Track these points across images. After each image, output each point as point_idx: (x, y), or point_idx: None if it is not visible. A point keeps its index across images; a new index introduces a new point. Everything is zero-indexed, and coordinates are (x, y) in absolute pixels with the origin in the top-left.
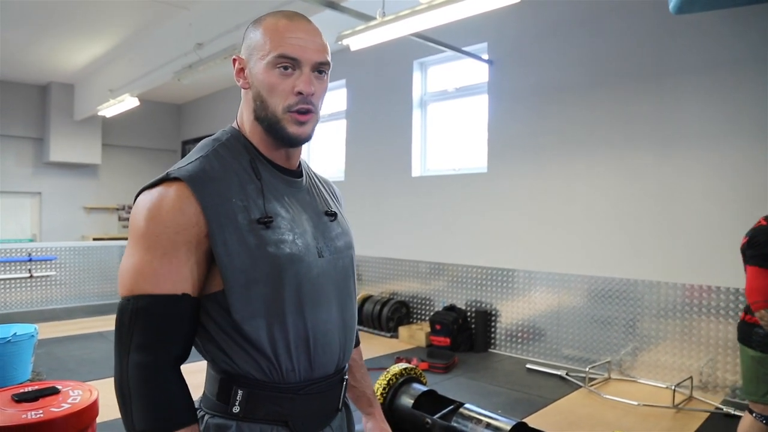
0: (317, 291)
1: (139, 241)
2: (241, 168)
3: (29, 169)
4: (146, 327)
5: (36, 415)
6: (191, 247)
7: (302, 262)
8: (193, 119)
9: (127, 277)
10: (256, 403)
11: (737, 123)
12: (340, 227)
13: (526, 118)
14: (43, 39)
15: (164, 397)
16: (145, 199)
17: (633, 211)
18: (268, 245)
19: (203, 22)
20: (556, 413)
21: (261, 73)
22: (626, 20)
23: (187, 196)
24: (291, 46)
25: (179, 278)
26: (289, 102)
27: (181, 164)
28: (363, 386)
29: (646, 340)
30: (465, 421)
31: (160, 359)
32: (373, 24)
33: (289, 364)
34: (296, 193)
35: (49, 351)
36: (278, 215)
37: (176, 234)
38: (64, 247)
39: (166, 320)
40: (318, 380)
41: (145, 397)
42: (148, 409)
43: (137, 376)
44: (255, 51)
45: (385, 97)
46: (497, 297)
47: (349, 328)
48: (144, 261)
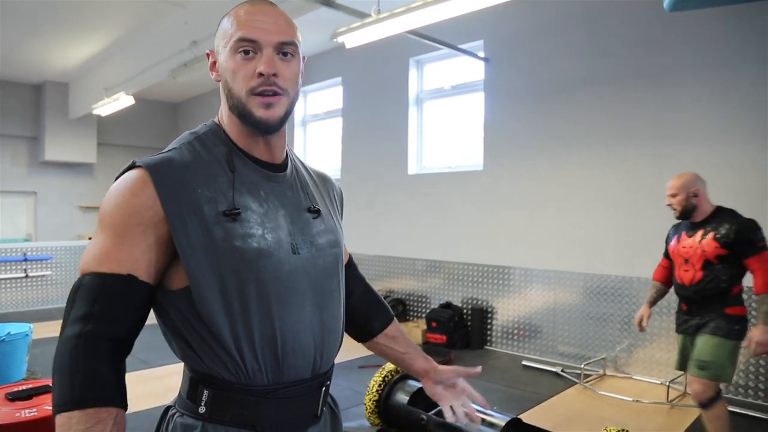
0: (288, 289)
1: (99, 223)
2: (214, 160)
3: (24, 168)
4: (84, 302)
5: (30, 414)
6: (144, 229)
7: (271, 257)
8: (188, 118)
9: (83, 258)
10: (222, 405)
11: (733, 121)
12: (324, 225)
13: (522, 116)
14: (38, 37)
15: (84, 372)
16: (114, 185)
17: (628, 208)
18: (234, 239)
19: (199, 20)
20: (552, 410)
21: (225, 60)
22: (622, 18)
23: (144, 181)
24: (250, 29)
25: (127, 259)
26: (252, 84)
27: (154, 155)
28: (414, 350)
29: (640, 336)
30: None
31: (92, 333)
32: (369, 21)
33: (255, 364)
34: (276, 187)
35: (45, 351)
36: (248, 208)
37: (128, 216)
38: (60, 247)
39: (105, 297)
40: (289, 384)
41: (66, 370)
42: (65, 383)
43: (65, 349)
44: (220, 40)
45: (381, 94)
46: (493, 294)
47: (329, 329)
48: (97, 242)
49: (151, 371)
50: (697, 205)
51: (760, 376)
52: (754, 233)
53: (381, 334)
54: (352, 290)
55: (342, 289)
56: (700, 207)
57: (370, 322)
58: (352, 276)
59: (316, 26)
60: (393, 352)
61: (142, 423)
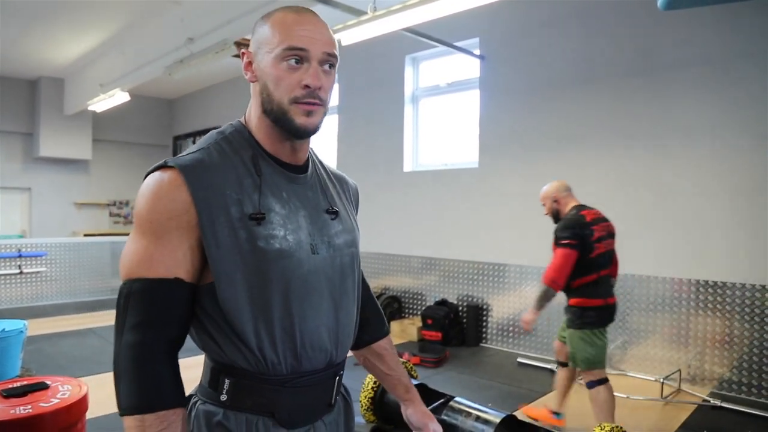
0: (307, 287)
1: (137, 226)
2: (240, 162)
3: (19, 164)
4: (139, 309)
5: (25, 410)
6: (183, 232)
7: (292, 257)
8: (184, 114)
9: (126, 262)
10: (242, 393)
11: (728, 119)
12: (341, 225)
13: (518, 114)
14: (33, 33)
15: (151, 377)
16: (145, 185)
17: (623, 205)
18: (258, 239)
19: (195, 16)
20: (546, 406)
21: (269, 66)
22: (618, 16)
23: (180, 184)
24: (299, 38)
25: (172, 263)
26: (296, 94)
27: (182, 154)
28: (397, 374)
29: (635, 333)
30: (455, 415)
31: (151, 340)
32: (365, 19)
33: (275, 357)
34: (297, 188)
35: (40, 348)
36: (272, 210)
37: (169, 220)
38: (55, 243)
39: (158, 303)
40: (305, 374)
41: (132, 375)
42: (133, 388)
43: (127, 355)
44: (263, 45)
45: (377, 92)
46: (489, 291)
47: (343, 325)
48: (140, 246)
49: None
50: (559, 209)
51: (763, 374)
52: (560, 231)
53: (367, 347)
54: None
55: (356, 288)
56: (562, 211)
57: (360, 333)
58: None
59: None
60: (376, 369)
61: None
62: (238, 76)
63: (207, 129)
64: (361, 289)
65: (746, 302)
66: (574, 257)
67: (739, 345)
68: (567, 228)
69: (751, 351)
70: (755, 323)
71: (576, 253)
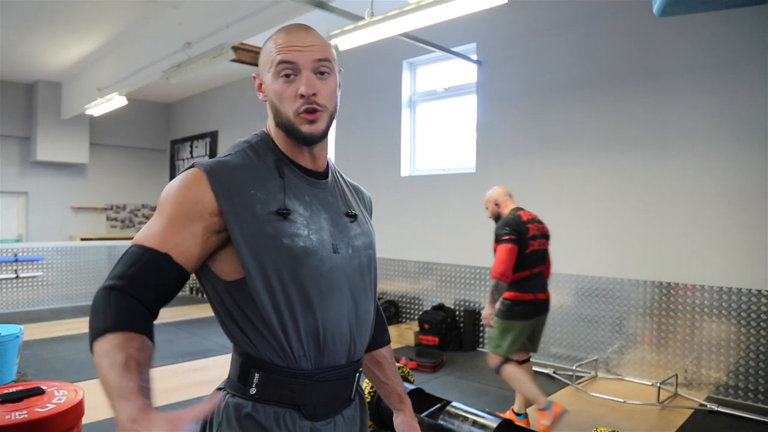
0: (329, 285)
1: (159, 209)
2: (265, 166)
3: (16, 168)
4: (125, 265)
5: (20, 416)
6: (190, 219)
7: (315, 255)
8: (182, 119)
9: (138, 233)
10: (271, 387)
11: (723, 124)
12: (360, 228)
13: (515, 119)
14: (30, 36)
15: (125, 309)
16: (174, 180)
17: (620, 211)
18: (283, 237)
19: (192, 21)
20: None
21: (270, 84)
22: (614, 22)
23: (199, 178)
24: (287, 53)
25: (169, 241)
26: (296, 105)
27: (209, 158)
28: (393, 383)
29: (632, 338)
30: (452, 419)
31: (127, 289)
32: (362, 24)
33: (300, 350)
34: (318, 193)
35: (36, 352)
36: (295, 211)
37: (179, 206)
38: (51, 248)
39: (142, 265)
40: (329, 369)
41: (106, 307)
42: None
43: (104, 295)
44: (264, 66)
45: (374, 97)
46: (486, 296)
47: (362, 322)
48: (150, 224)
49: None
50: (500, 212)
51: (760, 379)
52: (500, 229)
53: (368, 353)
54: None
55: (373, 287)
56: (502, 213)
57: None
58: None
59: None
60: (373, 376)
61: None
62: (235, 81)
63: (205, 133)
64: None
65: (743, 307)
66: (515, 250)
67: (736, 350)
68: (506, 225)
69: (748, 356)
70: (752, 328)
71: (517, 247)
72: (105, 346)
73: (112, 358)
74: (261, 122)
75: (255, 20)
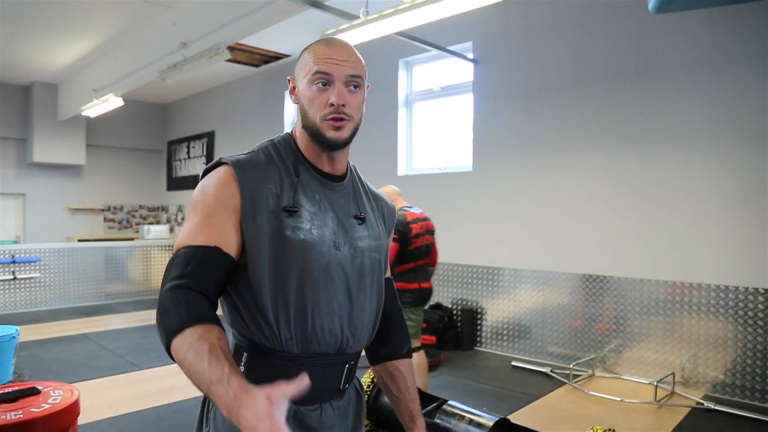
0: (325, 277)
1: (192, 210)
2: (283, 165)
3: (12, 170)
4: (180, 265)
5: (16, 416)
6: (229, 213)
7: (313, 248)
8: (178, 119)
9: (179, 238)
10: (258, 366)
11: (720, 122)
12: (367, 232)
13: (511, 117)
14: (26, 38)
15: (193, 305)
16: (206, 177)
17: (617, 209)
18: (286, 229)
19: (188, 21)
20: (541, 410)
21: (303, 89)
22: (611, 20)
23: (230, 175)
24: (325, 65)
25: (214, 234)
26: (324, 112)
27: (236, 154)
28: (406, 399)
29: (629, 337)
30: (448, 418)
31: (190, 285)
32: (357, 23)
33: (288, 334)
34: (330, 194)
35: (33, 353)
36: (302, 206)
37: (217, 202)
38: (48, 249)
39: (196, 261)
40: (316, 355)
41: (175, 305)
42: (179, 313)
43: (169, 295)
44: (300, 71)
45: (370, 96)
46: (483, 295)
47: (356, 318)
48: (191, 224)
49: (141, 373)
50: None
51: (757, 377)
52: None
53: (382, 364)
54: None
55: (376, 290)
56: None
57: (377, 347)
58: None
59: (305, 28)
60: (387, 389)
61: (128, 425)
62: (231, 81)
63: (202, 134)
64: (383, 296)
65: (740, 305)
66: (397, 248)
67: (733, 348)
68: (399, 224)
69: (745, 354)
70: (749, 326)
71: (398, 246)
72: (187, 340)
73: (197, 349)
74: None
75: (250, 20)
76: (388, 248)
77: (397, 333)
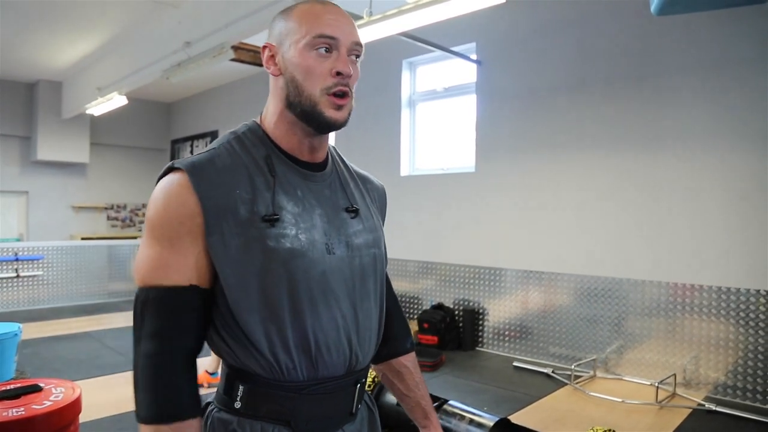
0: (322, 289)
1: (150, 231)
2: (252, 160)
3: (16, 167)
4: (155, 317)
5: (17, 413)
6: (194, 237)
7: (304, 257)
8: (182, 118)
9: (141, 268)
10: (257, 400)
11: (722, 124)
12: (362, 225)
13: (514, 118)
14: (32, 36)
15: (168, 387)
16: (157, 190)
17: (619, 210)
18: (267, 239)
19: (192, 20)
20: (542, 410)
21: (296, 57)
22: (614, 21)
23: (187, 186)
24: (329, 26)
25: (186, 269)
26: (327, 83)
27: (192, 156)
28: (417, 396)
29: (631, 338)
30: (449, 418)
31: (168, 349)
32: (360, 23)
33: (290, 363)
34: (313, 186)
35: (36, 351)
36: (284, 209)
37: (180, 225)
38: (52, 247)
39: (174, 311)
40: (323, 381)
41: (150, 385)
42: (150, 398)
43: (145, 364)
44: (288, 36)
45: (373, 96)
46: (485, 296)
47: (364, 328)
48: (154, 252)
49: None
50: None
51: (758, 379)
52: None
53: (386, 362)
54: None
55: (380, 290)
56: None
57: (380, 345)
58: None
59: None
60: (395, 388)
61: (130, 423)
62: (236, 80)
63: (205, 133)
64: (385, 295)
65: (741, 306)
66: None
67: (734, 349)
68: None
69: (746, 355)
70: (750, 328)
71: None
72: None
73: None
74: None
75: (254, 20)
76: (383, 237)
77: (399, 328)
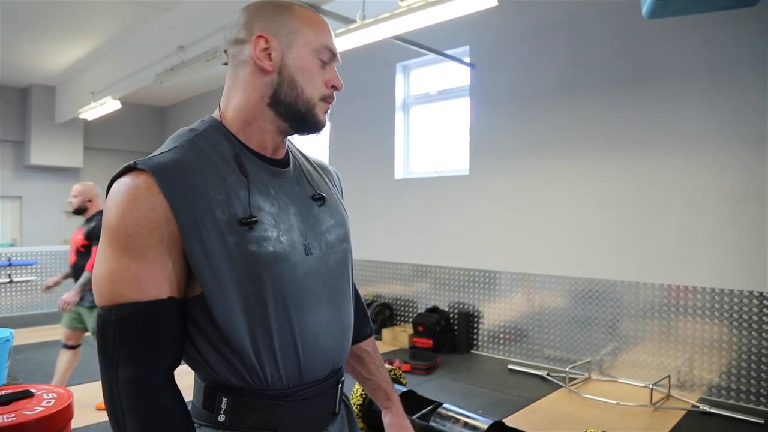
0: (304, 293)
1: (113, 241)
2: (220, 159)
3: (9, 172)
4: (133, 339)
5: (8, 419)
6: (168, 246)
7: (286, 261)
8: (176, 122)
9: (105, 284)
10: (242, 411)
11: (715, 126)
12: (332, 218)
13: (508, 121)
14: (24, 40)
15: (157, 412)
16: (115, 193)
17: (613, 213)
18: (249, 243)
19: (185, 24)
20: (537, 413)
21: (302, 59)
22: (606, 24)
23: (154, 191)
24: (332, 39)
25: (162, 281)
26: (325, 93)
27: (152, 154)
28: (378, 378)
29: (625, 340)
30: (443, 421)
31: (152, 372)
32: (354, 27)
33: (276, 373)
34: (283, 184)
35: (29, 357)
36: (261, 209)
37: (150, 233)
38: (45, 252)
39: (153, 329)
40: (308, 385)
41: (138, 412)
42: (140, 426)
43: (129, 392)
44: (294, 36)
45: (367, 100)
46: (480, 298)
47: (344, 328)
48: (121, 265)
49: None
50: (88, 208)
51: (752, 380)
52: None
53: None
54: None
55: (351, 285)
56: (89, 210)
57: None
58: None
59: None
60: (356, 372)
61: None
62: None
63: None
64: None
65: (734, 308)
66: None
67: (728, 351)
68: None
69: (740, 357)
70: (743, 329)
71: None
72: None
73: None
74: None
75: None
76: (350, 226)
77: (359, 314)
